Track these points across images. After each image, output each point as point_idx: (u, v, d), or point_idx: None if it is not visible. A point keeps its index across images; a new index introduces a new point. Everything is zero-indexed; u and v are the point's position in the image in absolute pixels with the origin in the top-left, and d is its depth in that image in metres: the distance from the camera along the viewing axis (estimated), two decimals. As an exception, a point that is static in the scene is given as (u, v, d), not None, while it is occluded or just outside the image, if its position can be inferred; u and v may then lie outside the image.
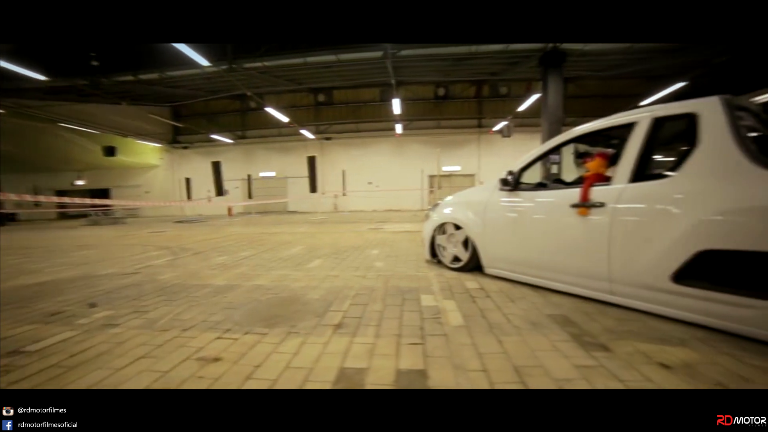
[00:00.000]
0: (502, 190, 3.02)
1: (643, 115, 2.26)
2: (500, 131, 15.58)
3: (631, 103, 13.85)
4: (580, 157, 2.80)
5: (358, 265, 3.98)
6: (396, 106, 14.52)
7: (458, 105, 18.83)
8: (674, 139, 2.30)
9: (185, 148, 21.42)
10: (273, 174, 20.72)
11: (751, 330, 1.72)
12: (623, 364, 1.58)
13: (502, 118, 16.39)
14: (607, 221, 2.25)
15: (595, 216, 2.32)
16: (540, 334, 1.95)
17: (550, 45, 10.56)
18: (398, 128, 17.74)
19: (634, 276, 2.15)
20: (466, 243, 3.39)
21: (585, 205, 2.37)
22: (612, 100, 16.58)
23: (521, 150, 3.04)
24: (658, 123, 2.18)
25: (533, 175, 3.17)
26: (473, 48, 11.33)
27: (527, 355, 1.70)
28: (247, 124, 20.52)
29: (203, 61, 9.78)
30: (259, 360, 1.72)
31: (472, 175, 19.03)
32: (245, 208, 19.69)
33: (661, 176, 2.13)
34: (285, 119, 16.34)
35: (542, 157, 2.90)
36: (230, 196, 18.71)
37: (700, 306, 1.88)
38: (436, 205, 3.94)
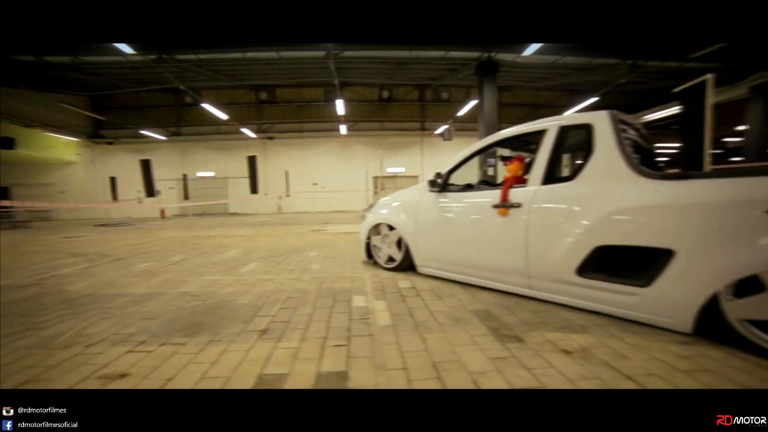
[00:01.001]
0: (431, 191, 3.13)
1: (552, 123, 2.48)
2: (442, 134, 16.16)
3: (557, 112, 15.14)
4: (503, 161, 2.99)
5: (293, 268, 3.88)
6: (340, 106, 14.44)
7: (402, 108, 19.19)
8: (582, 146, 2.55)
9: (110, 143, 19.32)
10: (212, 174, 19.52)
11: (634, 314, 1.99)
12: (532, 353, 1.72)
13: (444, 121, 17.01)
14: (524, 221, 2.42)
15: (514, 216, 2.49)
16: (462, 329, 2.04)
17: (485, 55, 11.21)
18: (342, 129, 17.65)
19: (547, 271, 2.34)
20: (399, 243, 3.46)
21: (504, 205, 2.53)
22: (541, 108, 18.09)
23: (461, 152, 3.22)
24: (563, 131, 2.41)
25: (473, 177, 3.31)
26: (414, 53, 11.66)
27: (447, 350, 1.77)
28: (182, 120, 19.08)
29: (126, 49, 8.92)
30: (173, 372, 1.60)
31: (415, 177, 19.51)
32: (181, 210, 18.30)
33: (568, 179, 2.35)
34: (224, 116, 15.47)
35: (468, 159, 3.04)
36: (163, 197, 17.25)
37: (598, 296, 2.12)
38: (371, 206, 3.96)
